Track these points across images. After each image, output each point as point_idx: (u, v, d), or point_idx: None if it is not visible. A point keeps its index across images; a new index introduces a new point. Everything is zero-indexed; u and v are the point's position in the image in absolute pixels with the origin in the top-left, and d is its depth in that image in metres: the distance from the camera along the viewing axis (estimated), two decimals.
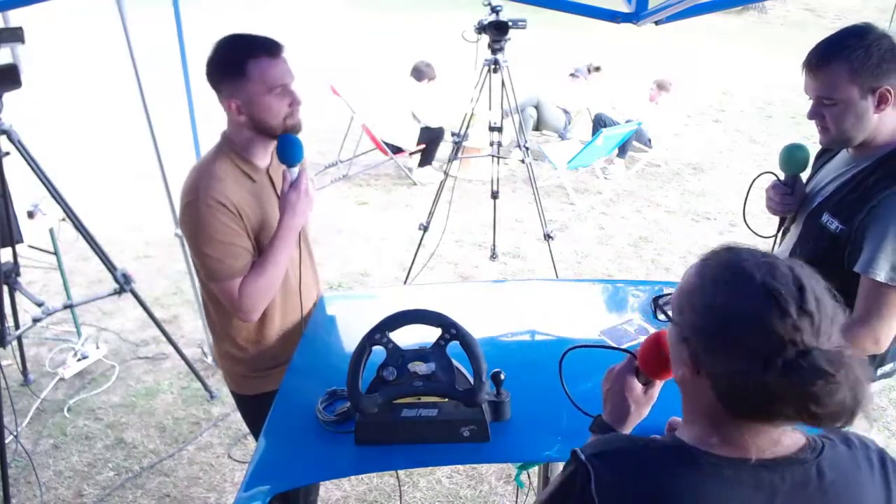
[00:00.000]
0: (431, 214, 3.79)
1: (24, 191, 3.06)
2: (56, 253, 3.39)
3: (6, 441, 2.51)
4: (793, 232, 1.76)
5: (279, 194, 1.69)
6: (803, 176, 1.79)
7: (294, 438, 1.46)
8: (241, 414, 2.04)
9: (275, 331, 1.82)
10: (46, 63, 8.86)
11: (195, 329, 3.73)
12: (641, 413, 1.14)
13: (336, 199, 5.61)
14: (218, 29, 1.77)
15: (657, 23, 2.21)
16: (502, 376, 1.43)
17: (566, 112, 6.84)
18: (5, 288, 2.64)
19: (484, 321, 1.81)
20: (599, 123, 6.34)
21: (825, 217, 1.61)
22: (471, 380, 1.39)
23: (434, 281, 4.26)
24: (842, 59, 1.48)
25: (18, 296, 2.88)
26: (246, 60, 1.56)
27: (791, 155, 1.74)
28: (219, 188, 1.60)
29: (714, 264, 0.90)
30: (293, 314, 1.86)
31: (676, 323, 0.92)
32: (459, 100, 4.66)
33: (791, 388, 0.80)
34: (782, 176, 1.77)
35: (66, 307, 3.11)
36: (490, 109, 3.61)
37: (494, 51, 3.39)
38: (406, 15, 13.76)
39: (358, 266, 4.54)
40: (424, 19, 13.36)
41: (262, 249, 1.69)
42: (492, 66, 3.44)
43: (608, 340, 1.74)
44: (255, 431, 1.99)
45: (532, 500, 2.25)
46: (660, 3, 2.08)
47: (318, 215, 2.28)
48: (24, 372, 3.29)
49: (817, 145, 1.74)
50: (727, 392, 0.86)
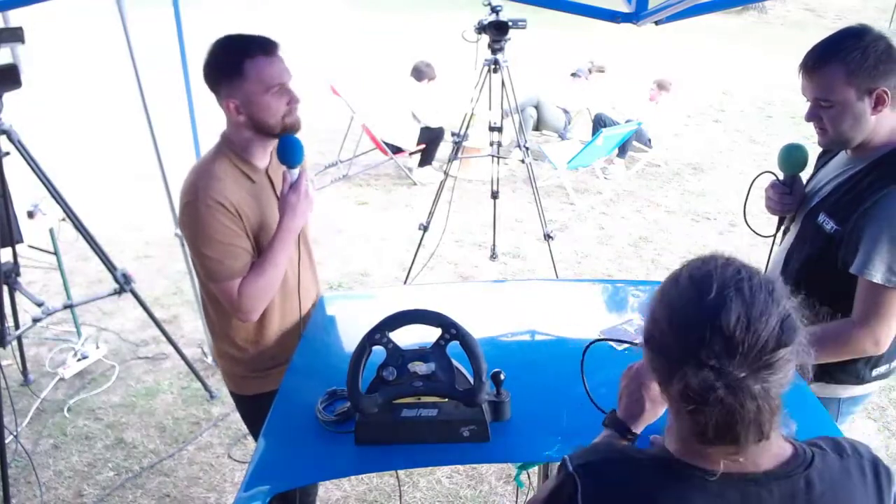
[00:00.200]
0: (431, 214, 3.79)
1: (24, 191, 3.06)
2: (56, 253, 3.39)
3: (6, 441, 2.51)
4: (792, 231, 1.76)
5: (279, 195, 1.69)
6: (805, 175, 1.79)
7: (294, 438, 1.46)
8: (240, 414, 2.04)
9: (274, 331, 1.82)
10: (46, 63, 8.86)
11: (195, 329, 3.73)
12: (656, 412, 1.13)
13: (336, 199, 5.61)
14: (218, 29, 1.77)
15: (657, 23, 2.21)
16: (502, 376, 1.43)
17: (566, 112, 6.84)
18: (5, 288, 2.64)
19: (484, 321, 1.81)
20: (599, 123, 6.34)
21: (821, 217, 1.62)
22: (471, 380, 1.39)
23: (434, 281, 4.26)
24: (838, 61, 1.48)
25: (18, 296, 2.88)
26: (243, 60, 1.56)
27: (789, 155, 1.74)
28: (218, 188, 1.60)
29: (671, 275, 0.90)
30: (292, 314, 1.86)
31: (647, 335, 0.92)
32: (459, 100, 4.66)
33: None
34: (781, 176, 1.77)
35: (66, 307, 3.11)
36: (490, 109, 3.61)
37: (494, 51, 3.39)
38: (406, 15, 13.76)
39: (358, 266, 4.54)
40: (424, 19, 13.36)
41: (262, 250, 1.69)
42: (492, 66, 3.43)
43: (608, 340, 1.74)
44: (254, 432, 1.99)
45: None
46: (660, 3, 2.08)
47: (318, 215, 2.27)
48: (24, 372, 3.29)
49: (817, 146, 1.74)
50: (684, 411, 0.84)
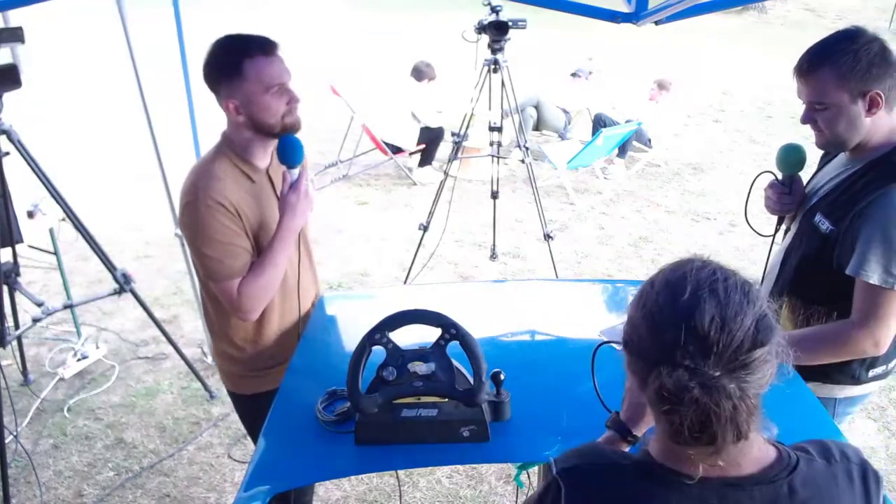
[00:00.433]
0: (431, 214, 3.79)
1: (24, 191, 3.06)
2: (56, 253, 3.39)
3: (6, 441, 2.51)
4: (792, 230, 1.77)
5: (279, 195, 1.69)
6: (807, 175, 1.79)
7: (294, 438, 1.46)
8: (238, 413, 2.04)
9: (273, 331, 1.82)
10: (46, 63, 8.86)
11: (195, 329, 3.73)
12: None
13: (336, 199, 5.61)
14: (218, 29, 1.77)
15: (657, 23, 2.21)
16: (502, 376, 1.43)
17: (566, 112, 6.84)
18: (5, 288, 2.64)
19: (484, 321, 1.81)
20: (599, 123, 6.34)
21: (818, 217, 1.62)
22: (471, 380, 1.39)
23: (434, 281, 4.26)
24: (830, 65, 1.48)
25: (18, 296, 2.88)
26: (242, 61, 1.56)
27: (788, 155, 1.74)
28: (218, 188, 1.60)
29: (653, 283, 0.89)
30: (291, 314, 1.86)
31: (626, 339, 0.91)
32: (459, 100, 4.66)
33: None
34: (781, 176, 1.77)
35: (66, 307, 3.10)
36: (490, 109, 3.61)
37: (494, 51, 3.39)
38: (406, 15, 13.76)
39: (358, 266, 4.54)
40: (424, 19, 13.36)
41: (261, 250, 1.69)
42: (492, 66, 3.43)
43: (607, 339, 1.73)
44: (252, 431, 1.99)
45: None
46: (660, 3, 2.08)
47: (318, 215, 2.28)
48: (24, 372, 3.29)
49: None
50: (660, 414, 0.84)
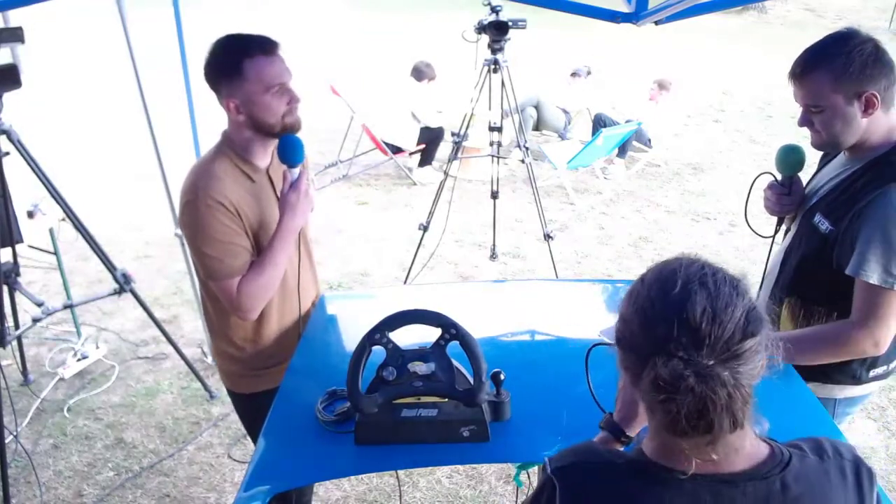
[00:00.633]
0: (431, 214, 3.79)
1: (24, 191, 3.06)
2: (56, 253, 3.39)
3: (6, 441, 2.51)
4: (792, 230, 1.77)
5: (279, 195, 1.69)
6: (807, 175, 1.79)
7: (294, 438, 1.46)
8: (238, 413, 2.04)
9: (272, 330, 1.82)
10: (46, 63, 8.86)
11: (195, 329, 3.73)
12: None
13: (336, 199, 5.61)
14: (218, 29, 1.77)
15: (657, 23, 2.21)
16: (502, 376, 1.43)
17: (566, 112, 6.84)
18: (5, 288, 2.64)
19: (484, 321, 1.81)
20: (599, 123, 6.34)
21: (817, 217, 1.62)
22: (471, 380, 1.39)
23: (434, 281, 4.26)
24: (824, 68, 1.48)
25: (18, 296, 2.88)
26: (242, 60, 1.57)
27: (786, 156, 1.74)
28: (218, 188, 1.60)
29: (642, 280, 0.91)
30: (291, 314, 1.86)
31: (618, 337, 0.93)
32: (459, 100, 4.66)
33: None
34: (780, 177, 1.77)
35: (66, 307, 3.10)
36: (490, 109, 3.61)
37: (494, 51, 3.39)
38: (406, 15, 13.76)
39: (358, 266, 4.54)
40: (424, 19, 13.36)
41: (261, 249, 1.69)
42: (492, 66, 3.43)
43: (608, 340, 1.74)
44: (251, 430, 1.99)
45: None
46: (660, 3, 2.08)
47: (318, 215, 2.28)
48: (24, 372, 3.29)
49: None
50: (653, 408, 0.85)
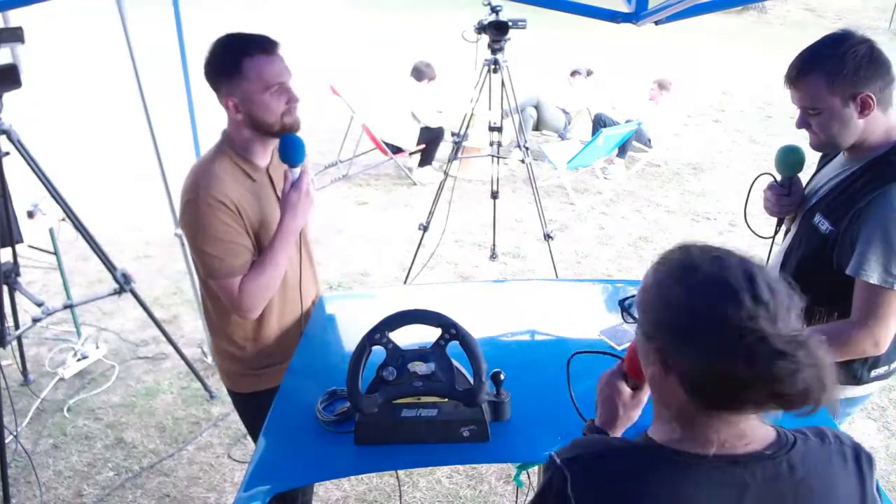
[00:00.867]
0: (431, 214, 3.79)
1: (24, 191, 3.06)
2: (56, 253, 3.39)
3: (6, 441, 2.51)
4: (792, 231, 1.77)
5: (279, 194, 1.69)
6: (807, 175, 1.79)
7: (294, 438, 1.46)
8: (238, 412, 2.04)
9: (272, 330, 1.82)
10: (46, 63, 8.85)
11: (195, 329, 3.73)
12: (631, 417, 1.17)
13: (336, 199, 5.61)
14: (218, 29, 1.77)
15: (657, 23, 2.21)
16: (502, 376, 1.43)
17: (566, 112, 6.84)
18: (5, 288, 2.63)
19: (484, 321, 1.81)
20: (599, 123, 6.34)
21: (817, 218, 1.62)
22: (471, 380, 1.39)
23: (434, 281, 4.26)
24: (818, 71, 1.49)
25: (18, 296, 2.88)
26: (242, 59, 1.57)
27: (786, 157, 1.75)
28: (218, 187, 1.60)
29: (667, 262, 0.93)
30: (291, 314, 1.86)
31: (640, 323, 0.94)
32: (459, 100, 4.66)
33: (756, 374, 0.82)
34: (779, 177, 1.77)
35: (66, 307, 3.10)
36: (490, 109, 3.61)
37: (494, 51, 3.39)
38: (406, 15, 13.76)
39: (358, 266, 4.54)
40: (424, 19, 13.36)
41: (262, 248, 1.69)
42: (492, 66, 3.43)
43: (608, 340, 1.74)
44: (252, 430, 2.00)
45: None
46: (660, 3, 2.08)
47: (318, 215, 2.28)
48: (24, 372, 3.29)
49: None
50: (696, 385, 0.87)
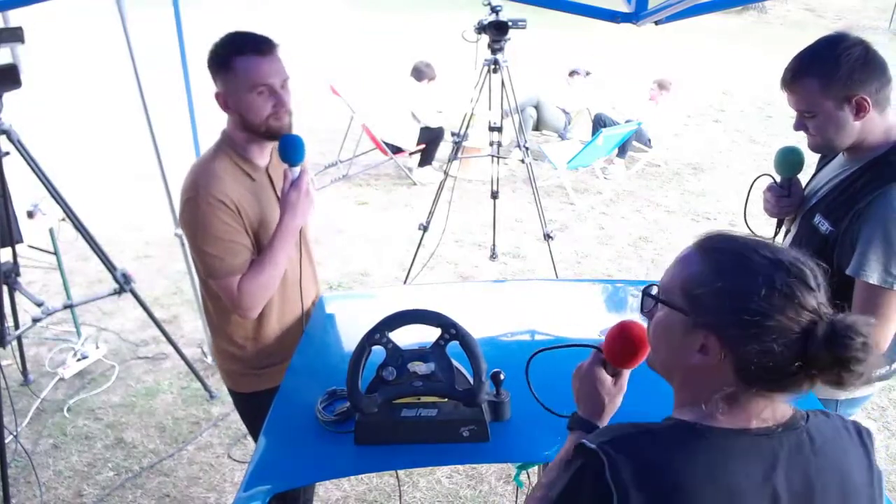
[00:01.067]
0: (431, 214, 3.78)
1: (24, 191, 3.06)
2: (56, 253, 3.39)
3: (6, 441, 2.51)
4: (792, 232, 1.76)
5: (279, 193, 1.69)
6: (807, 175, 1.79)
7: (294, 438, 1.46)
8: (238, 412, 2.05)
9: (273, 329, 1.82)
10: (46, 63, 8.85)
11: (195, 329, 3.73)
12: (615, 403, 1.17)
13: (336, 199, 5.61)
14: (218, 29, 1.77)
15: (657, 23, 2.21)
16: (502, 376, 1.43)
17: (566, 112, 6.84)
18: (5, 288, 2.63)
19: (484, 321, 1.81)
20: (599, 123, 6.34)
21: (817, 218, 1.62)
22: (470, 380, 1.39)
23: (434, 281, 4.26)
24: (812, 74, 1.49)
25: (18, 296, 2.88)
26: (234, 57, 1.58)
27: (785, 157, 1.74)
28: (218, 186, 1.60)
29: (719, 250, 0.94)
30: (291, 313, 1.86)
31: (687, 313, 0.93)
32: (459, 100, 4.66)
33: (831, 356, 0.85)
34: (779, 178, 1.77)
35: (66, 307, 3.10)
36: (490, 109, 3.61)
37: (494, 51, 3.39)
38: (406, 15, 13.76)
39: (358, 266, 4.54)
40: (424, 19, 13.36)
41: (262, 247, 1.69)
42: (492, 66, 3.43)
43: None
44: (252, 429, 2.00)
45: None
46: (660, 3, 2.08)
47: (318, 215, 2.28)
48: (24, 372, 3.29)
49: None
50: (757, 370, 0.88)
